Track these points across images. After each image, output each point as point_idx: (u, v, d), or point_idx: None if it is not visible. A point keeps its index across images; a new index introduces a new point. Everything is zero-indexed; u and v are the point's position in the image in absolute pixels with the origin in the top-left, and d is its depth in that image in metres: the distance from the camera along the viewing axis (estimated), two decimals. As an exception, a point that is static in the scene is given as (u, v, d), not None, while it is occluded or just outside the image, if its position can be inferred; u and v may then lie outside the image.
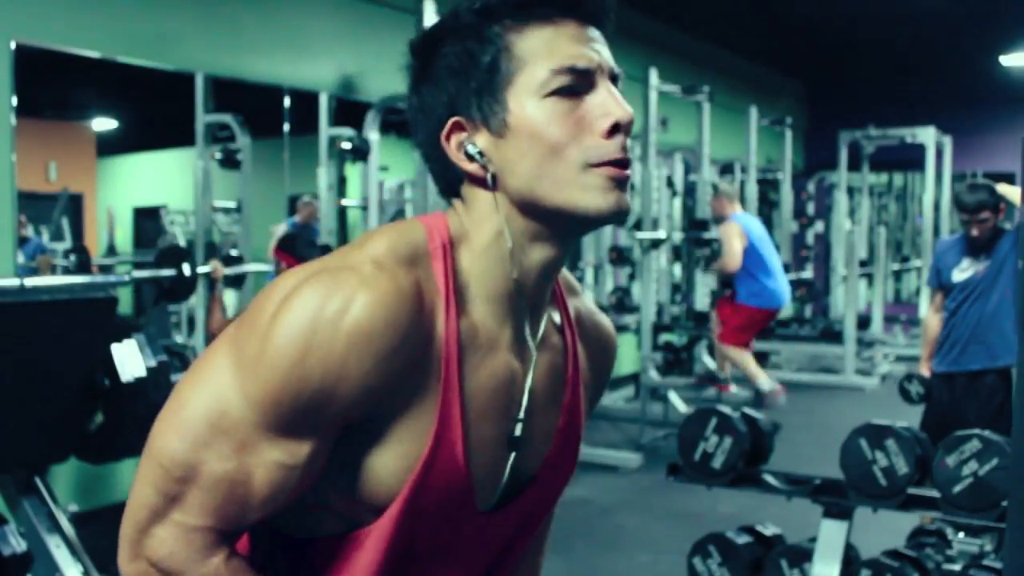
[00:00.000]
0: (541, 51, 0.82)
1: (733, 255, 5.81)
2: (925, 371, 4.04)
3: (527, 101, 0.82)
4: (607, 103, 0.83)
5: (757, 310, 5.90)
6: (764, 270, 5.88)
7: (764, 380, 5.92)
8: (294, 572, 0.91)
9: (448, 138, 0.85)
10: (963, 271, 3.86)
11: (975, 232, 3.76)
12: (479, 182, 0.85)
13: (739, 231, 5.87)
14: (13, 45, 3.87)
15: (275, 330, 0.77)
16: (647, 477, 5.16)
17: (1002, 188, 3.85)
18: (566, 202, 0.82)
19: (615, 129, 0.83)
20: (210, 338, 3.84)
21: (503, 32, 0.83)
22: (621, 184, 0.83)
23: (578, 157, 0.82)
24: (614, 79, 0.85)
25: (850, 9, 8.74)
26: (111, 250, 7.13)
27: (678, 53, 8.41)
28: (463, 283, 0.85)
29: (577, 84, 0.82)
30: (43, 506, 2.54)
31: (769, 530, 3.05)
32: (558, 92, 0.82)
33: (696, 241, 6.82)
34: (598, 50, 0.84)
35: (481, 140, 0.84)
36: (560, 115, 0.82)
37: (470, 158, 0.84)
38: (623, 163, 0.83)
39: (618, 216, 0.83)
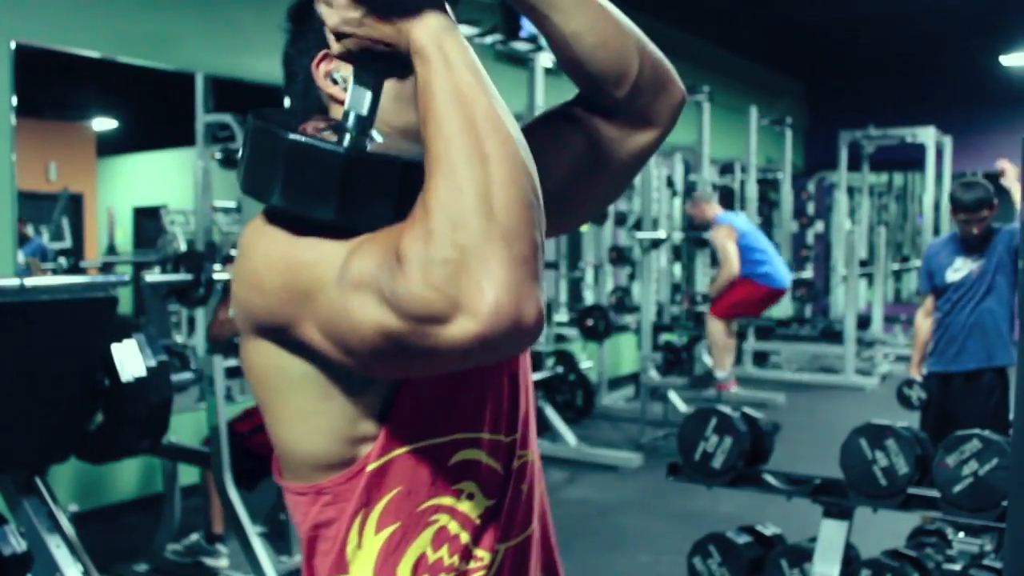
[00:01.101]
0: None
1: (732, 260, 5.81)
2: (916, 375, 4.02)
3: None
4: None
5: (757, 286, 5.89)
6: (759, 259, 5.89)
7: (725, 370, 5.92)
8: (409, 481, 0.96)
9: (318, 66, 1.00)
10: (957, 271, 3.84)
11: (975, 231, 3.73)
12: (341, 103, 0.99)
13: (729, 230, 5.88)
14: (13, 45, 3.87)
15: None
16: (647, 477, 5.16)
17: (1008, 177, 3.84)
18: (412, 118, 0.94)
19: None
20: (211, 340, 3.82)
21: None
22: None
23: None
24: None
25: (850, 9, 8.74)
26: (111, 250, 7.14)
27: (678, 53, 8.36)
28: None
29: None
30: (43, 506, 2.54)
31: (769, 530, 3.05)
32: None
33: (696, 241, 6.83)
34: None
35: (345, 70, 0.97)
36: None
37: (334, 82, 1.00)
38: None
39: None
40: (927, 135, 9.00)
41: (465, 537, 0.99)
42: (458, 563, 0.99)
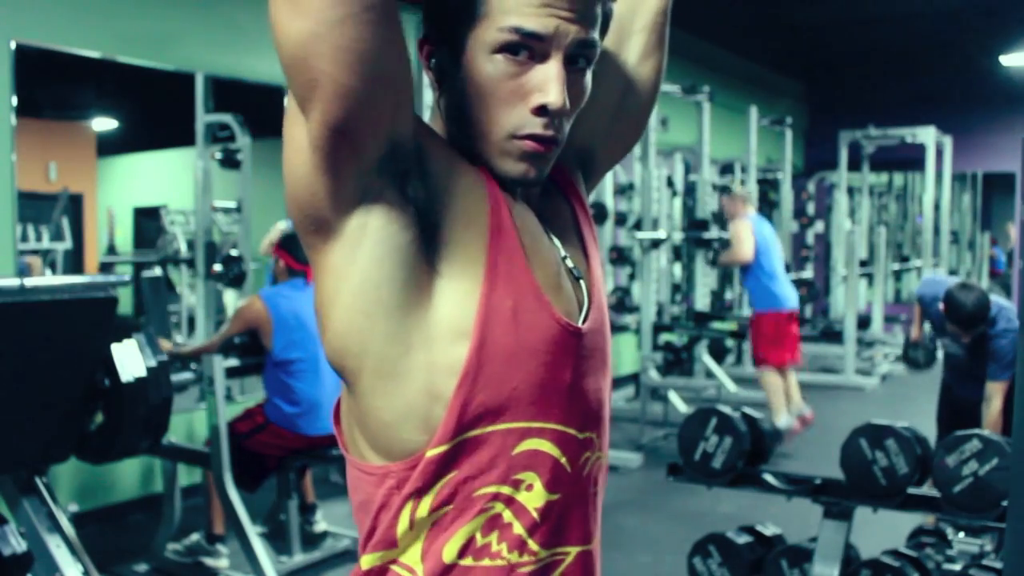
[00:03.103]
0: (507, 5, 0.89)
1: (746, 246, 5.75)
2: (917, 336, 3.89)
3: (479, 53, 0.91)
4: (546, 83, 0.89)
5: (773, 313, 5.83)
6: (766, 273, 5.85)
7: (783, 417, 5.76)
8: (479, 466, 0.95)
9: (421, 50, 0.97)
10: (953, 342, 3.67)
11: (964, 340, 3.49)
12: (438, 83, 0.99)
13: (751, 228, 5.84)
14: (13, 45, 3.87)
15: None
16: (647, 477, 5.16)
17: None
18: (481, 154, 0.94)
19: (542, 110, 0.90)
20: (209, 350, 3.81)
21: None
22: (535, 157, 0.93)
23: (505, 126, 0.91)
24: (585, 45, 0.91)
25: (850, 9, 8.74)
26: (111, 250, 7.14)
27: (678, 53, 8.40)
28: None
29: (525, 45, 0.89)
30: (43, 506, 2.54)
31: (769, 530, 3.05)
32: (505, 49, 0.89)
33: (696, 241, 6.82)
34: (564, 16, 0.89)
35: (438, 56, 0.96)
36: (501, 78, 0.90)
37: (428, 67, 0.98)
38: (543, 139, 0.92)
39: (523, 183, 0.95)
40: (927, 135, 8.99)
41: (519, 528, 0.96)
42: (507, 552, 0.96)
